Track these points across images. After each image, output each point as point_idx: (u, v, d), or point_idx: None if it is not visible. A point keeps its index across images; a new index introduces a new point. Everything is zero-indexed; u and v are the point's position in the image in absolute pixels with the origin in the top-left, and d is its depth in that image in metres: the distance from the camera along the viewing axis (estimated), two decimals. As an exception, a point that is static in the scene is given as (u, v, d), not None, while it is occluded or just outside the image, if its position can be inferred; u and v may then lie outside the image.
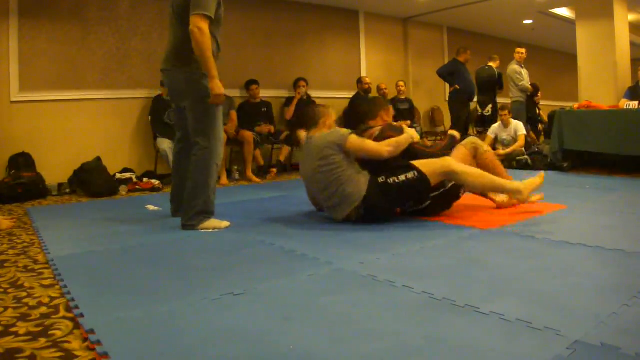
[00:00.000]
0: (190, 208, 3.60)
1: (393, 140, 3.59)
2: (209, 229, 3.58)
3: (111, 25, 6.81)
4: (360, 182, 3.46)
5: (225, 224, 3.68)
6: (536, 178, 3.70)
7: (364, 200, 3.44)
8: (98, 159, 6.15)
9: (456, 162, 3.50)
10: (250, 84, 7.63)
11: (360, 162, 3.62)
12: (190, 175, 3.62)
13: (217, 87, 3.49)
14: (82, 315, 1.97)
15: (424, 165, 3.46)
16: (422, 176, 3.42)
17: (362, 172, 3.55)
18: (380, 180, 3.44)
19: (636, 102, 6.83)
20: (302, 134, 3.82)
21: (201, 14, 3.40)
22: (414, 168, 3.43)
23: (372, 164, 3.58)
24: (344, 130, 3.58)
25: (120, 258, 2.94)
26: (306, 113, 3.92)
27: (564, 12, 10.58)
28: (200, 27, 3.39)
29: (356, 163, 3.59)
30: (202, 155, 3.59)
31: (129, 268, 2.69)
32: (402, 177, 3.42)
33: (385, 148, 3.54)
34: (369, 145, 3.57)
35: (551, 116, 7.55)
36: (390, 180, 3.42)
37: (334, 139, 3.52)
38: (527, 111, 8.86)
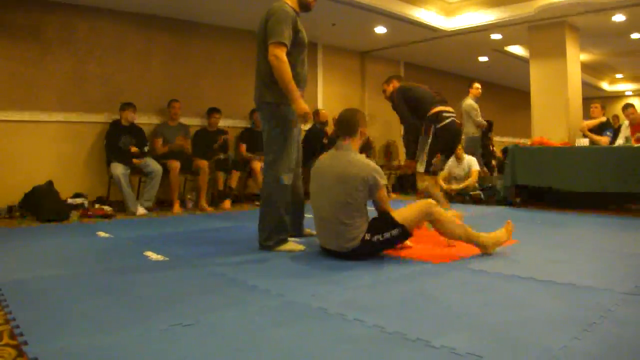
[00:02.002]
0: (263, 230, 3.82)
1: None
2: (284, 251, 3.75)
3: (69, 47, 6.74)
4: (359, 232, 3.39)
5: (300, 247, 3.81)
6: (504, 233, 3.70)
7: (351, 251, 3.40)
8: (50, 183, 6.02)
9: (436, 207, 3.50)
10: (212, 111, 7.61)
11: None
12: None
13: (300, 108, 3.60)
14: (26, 343, 1.91)
15: (407, 217, 3.44)
16: (404, 231, 3.43)
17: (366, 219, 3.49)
18: (367, 237, 3.38)
19: (587, 140, 7.03)
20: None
21: (276, 42, 3.58)
22: (398, 225, 3.41)
23: None
24: (381, 175, 3.48)
25: (69, 285, 2.86)
26: (345, 118, 3.67)
27: (518, 50, 10.88)
28: (275, 54, 3.57)
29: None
30: (267, 178, 3.83)
31: (77, 295, 2.62)
32: (387, 235, 3.40)
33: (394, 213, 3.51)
34: (386, 204, 3.53)
35: (504, 152, 7.70)
36: (375, 239, 3.39)
37: (372, 179, 3.40)
38: (481, 147, 9.00)
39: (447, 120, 4.81)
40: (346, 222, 3.36)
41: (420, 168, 4.75)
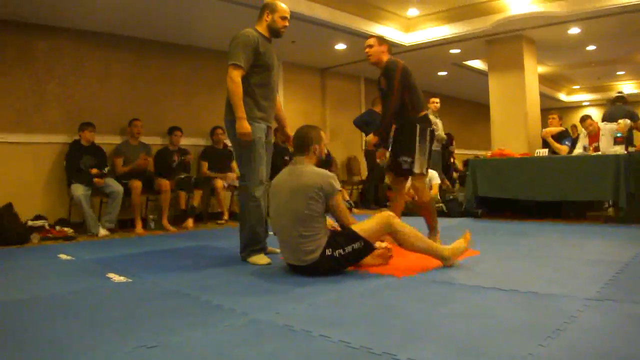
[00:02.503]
0: (240, 241, 4.10)
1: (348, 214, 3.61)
2: (251, 263, 3.94)
3: (28, 67, 6.63)
4: (317, 246, 3.37)
5: (267, 260, 3.94)
6: (462, 243, 3.73)
7: (311, 264, 3.38)
8: (9, 205, 5.88)
9: (396, 219, 3.51)
10: (173, 130, 7.55)
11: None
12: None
13: (240, 126, 3.84)
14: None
15: (367, 229, 3.44)
16: (366, 244, 3.43)
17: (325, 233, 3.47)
18: (328, 252, 3.36)
19: (546, 150, 7.16)
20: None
21: (231, 64, 3.86)
22: (359, 238, 3.40)
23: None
24: (335, 180, 3.48)
25: (30, 309, 2.79)
26: (299, 135, 3.70)
27: (477, 64, 11.06)
28: (230, 75, 3.86)
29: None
30: (241, 194, 4.15)
31: (38, 319, 2.55)
32: (349, 248, 3.39)
33: (351, 220, 3.54)
34: (344, 210, 3.53)
35: (466, 164, 7.79)
36: (337, 254, 3.37)
37: (327, 185, 3.40)
38: (442, 160, 9.10)
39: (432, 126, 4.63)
40: (304, 235, 3.35)
41: (419, 169, 4.46)
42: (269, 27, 4.12)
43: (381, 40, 4.60)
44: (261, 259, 3.95)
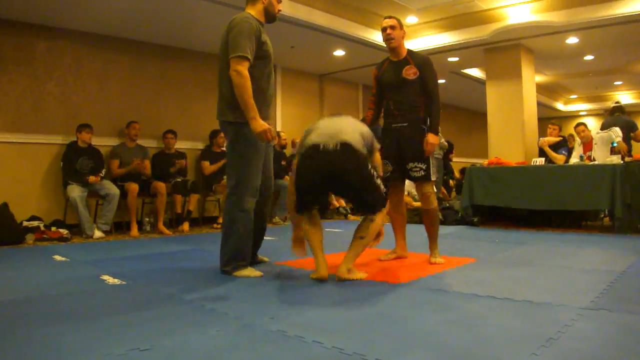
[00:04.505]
0: (223, 254, 3.67)
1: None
2: (242, 276, 3.57)
3: (26, 67, 6.64)
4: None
5: (258, 273, 3.62)
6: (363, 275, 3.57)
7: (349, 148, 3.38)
8: (5, 205, 5.87)
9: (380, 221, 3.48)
10: (166, 133, 7.58)
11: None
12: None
13: (256, 126, 3.37)
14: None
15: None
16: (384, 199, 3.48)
17: None
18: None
19: (543, 159, 7.18)
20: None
21: (237, 56, 3.37)
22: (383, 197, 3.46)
23: None
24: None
25: (23, 310, 2.77)
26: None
27: (475, 72, 11.09)
28: (237, 69, 3.36)
29: None
30: (229, 202, 3.62)
31: (31, 321, 2.53)
32: (378, 180, 3.44)
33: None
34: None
35: (462, 172, 7.80)
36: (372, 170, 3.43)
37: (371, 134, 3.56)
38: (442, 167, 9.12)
39: None
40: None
41: (434, 175, 4.34)
42: (266, 10, 3.69)
43: (401, 23, 4.22)
44: (251, 272, 3.62)
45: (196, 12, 6.70)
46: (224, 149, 7.76)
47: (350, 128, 3.47)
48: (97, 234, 6.18)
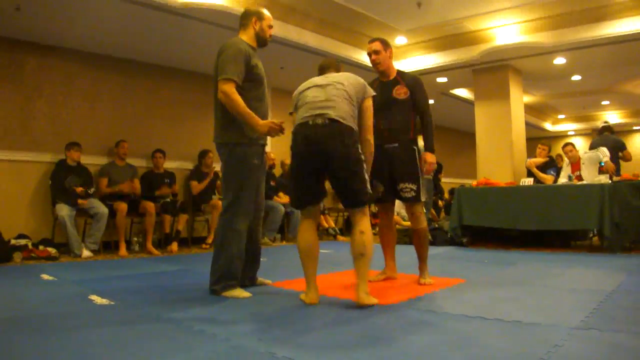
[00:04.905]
0: (213, 273, 3.64)
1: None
2: (231, 297, 3.53)
3: (16, 84, 6.63)
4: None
5: (247, 294, 3.58)
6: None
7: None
8: (-8, 223, 5.83)
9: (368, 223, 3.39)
10: (154, 152, 7.56)
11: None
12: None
13: (261, 126, 3.52)
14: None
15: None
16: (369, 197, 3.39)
17: None
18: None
19: (531, 179, 7.21)
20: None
21: (224, 78, 3.48)
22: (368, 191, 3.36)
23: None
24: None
25: (9, 329, 2.74)
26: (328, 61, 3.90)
27: (463, 92, 11.16)
28: (223, 90, 3.47)
29: None
30: (221, 221, 3.64)
31: (18, 340, 2.50)
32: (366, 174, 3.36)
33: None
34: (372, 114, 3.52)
35: (451, 193, 7.81)
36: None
37: (362, 84, 3.50)
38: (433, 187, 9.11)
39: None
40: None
41: (424, 197, 4.30)
42: (257, 35, 3.81)
43: (386, 43, 4.21)
44: (240, 292, 3.58)
45: (186, 32, 6.72)
46: (217, 169, 7.75)
47: (339, 92, 3.44)
48: (86, 253, 6.13)
